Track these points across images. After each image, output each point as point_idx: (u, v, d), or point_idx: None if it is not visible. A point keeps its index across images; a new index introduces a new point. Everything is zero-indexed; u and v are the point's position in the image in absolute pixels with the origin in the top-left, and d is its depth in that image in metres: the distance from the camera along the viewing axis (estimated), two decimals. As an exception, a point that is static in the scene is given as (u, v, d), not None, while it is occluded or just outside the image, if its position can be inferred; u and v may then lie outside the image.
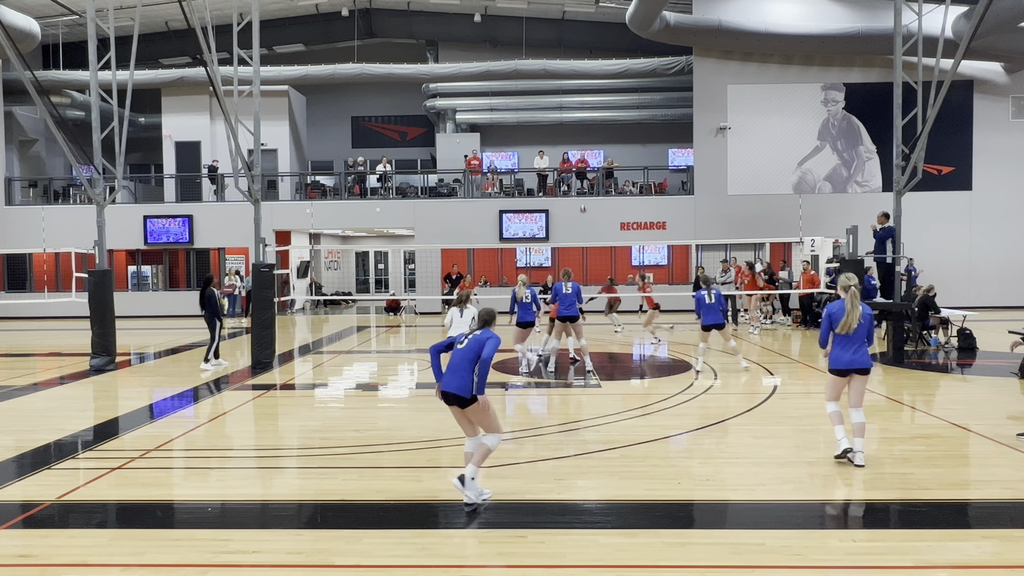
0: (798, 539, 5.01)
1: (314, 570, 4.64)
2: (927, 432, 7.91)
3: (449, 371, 5.56)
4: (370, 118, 30.41)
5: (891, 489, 6.00)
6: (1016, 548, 4.84)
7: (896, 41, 13.10)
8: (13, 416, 9.25)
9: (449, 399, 5.57)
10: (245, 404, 9.84)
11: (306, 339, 18.13)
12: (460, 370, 5.50)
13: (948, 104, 14.50)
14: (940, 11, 14.24)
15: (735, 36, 22.46)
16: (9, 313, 23.43)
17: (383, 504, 5.80)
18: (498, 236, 23.65)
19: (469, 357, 5.50)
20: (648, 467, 6.68)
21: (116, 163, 13.51)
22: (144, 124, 27.64)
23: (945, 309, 15.07)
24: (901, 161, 12.86)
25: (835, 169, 23.66)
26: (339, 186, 25.96)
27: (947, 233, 23.01)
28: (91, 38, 13.46)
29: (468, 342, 5.58)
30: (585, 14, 26.27)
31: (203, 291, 12.66)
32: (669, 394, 10.05)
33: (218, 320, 12.72)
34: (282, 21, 27.49)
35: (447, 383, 5.53)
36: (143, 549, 4.94)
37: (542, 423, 8.52)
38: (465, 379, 5.46)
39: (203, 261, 24.99)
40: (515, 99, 27.54)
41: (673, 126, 27.47)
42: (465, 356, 5.52)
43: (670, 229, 23.62)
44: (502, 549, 4.89)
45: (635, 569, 4.59)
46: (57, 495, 6.05)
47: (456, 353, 5.59)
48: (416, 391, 10.84)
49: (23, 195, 26.01)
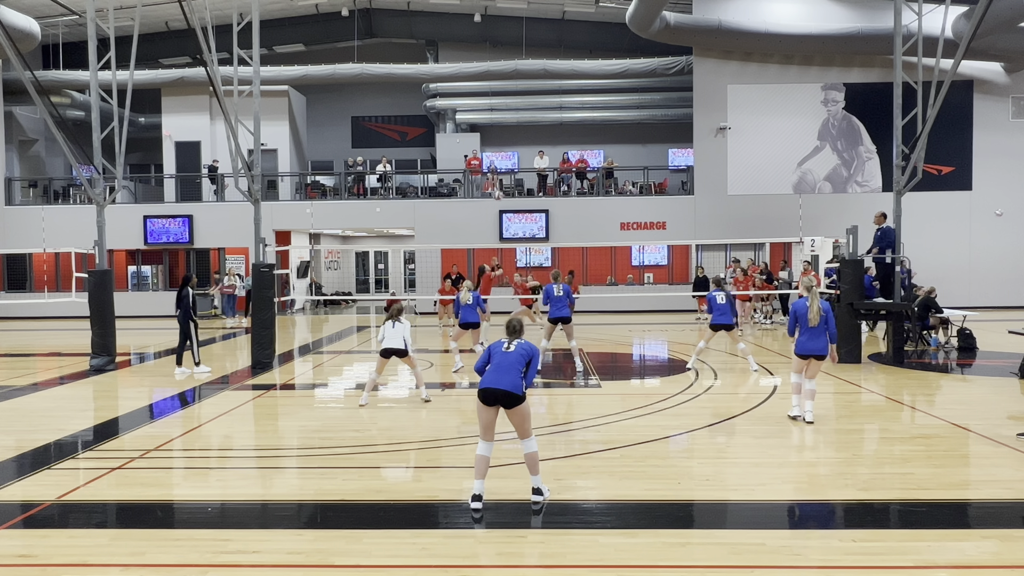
0: (798, 539, 5.01)
1: (314, 570, 4.64)
2: (927, 432, 7.91)
3: (499, 371, 5.73)
4: (370, 118, 30.42)
5: (891, 489, 6.00)
6: (1016, 548, 4.84)
7: (896, 41, 13.10)
8: (13, 416, 9.25)
9: (495, 398, 5.67)
10: (245, 404, 9.84)
11: (306, 339, 18.13)
12: (512, 371, 5.71)
13: (948, 104, 14.52)
14: (940, 11, 14.25)
15: (735, 36, 22.46)
16: (9, 313, 23.43)
17: (383, 504, 5.80)
18: (498, 236, 23.65)
19: (518, 361, 5.76)
20: (648, 467, 6.68)
21: (116, 163, 13.51)
22: (144, 124, 27.64)
23: (945, 309, 15.07)
24: (901, 161, 12.86)
25: (835, 169, 23.66)
26: (339, 186, 25.96)
27: (947, 233, 23.01)
28: (91, 38, 13.46)
29: (516, 347, 5.87)
30: (585, 14, 26.27)
31: (180, 290, 12.33)
32: (669, 394, 10.05)
33: (191, 322, 12.23)
34: (282, 21, 27.49)
35: (498, 381, 5.66)
36: (143, 549, 4.94)
37: (542, 423, 8.51)
38: (516, 379, 5.69)
39: (203, 261, 25.00)
40: (515, 99, 27.54)
41: (673, 126, 27.47)
42: (515, 360, 5.76)
43: (670, 229, 23.62)
44: (502, 549, 4.89)
45: (635, 569, 4.59)
46: (57, 495, 6.05)
47: (503, 356, 5.83)
48: (416, 391, 10.84)
49: (23, 195, 26.02)
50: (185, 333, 12.27)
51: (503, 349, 5.88)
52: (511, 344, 5.90)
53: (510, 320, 6.25)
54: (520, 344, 5.91)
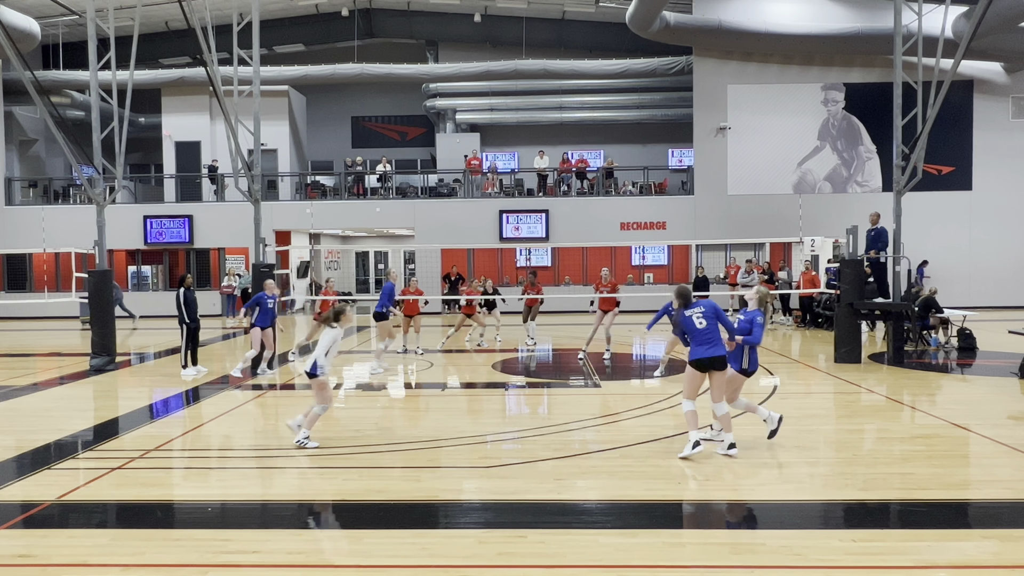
0: (798, 539, 5.00)
1: (314, 570, 4.64)
2: (927, 432, 7.91)
3: (707, 343, 6.77)
4: (370, 118, 30.41)
5: (891, 489, 6.00)
6: (1016, 548, 4.84)
7: (896, 41, 13.09)
8: (13, 416, 9.25)
9: (712, 364, 6.76)
10: (245, 404, 9.84)
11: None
12: (719, 342, 6.82)
13: (948, 104, 14.51)
14: (940, 11, 14.24)
15: (735, 36, 22.46)
16: (9, 313, 23.42)
17: (383, 504, 5.80)
18: (498, 236, 23.65)
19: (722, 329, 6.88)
20: (648, 467, 6.68)
21: (116, 163, 13.51)
22: (144, 124, 27.63)
23: (945, 309, 15.07)
24: (901, 161, 12.86)
25: (835, 169, 23.66)
26: (339, 186, 25.96)
27: (947, 233, 23.00)
28: (91, 38, 13.46)
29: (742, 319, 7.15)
30: (585, 14, 26.26)
31: (176, 292, 12.23)
32: (669, 394, 10.05)
33: (184, 324, 12.04)
34: (282, 21, 27.49)
35: (717, 351, 6.77)
36: (143, 549, 4.94)
37: (542, 423, 8.52)
38: (734, 354, 7.05)
39: (203, 261, 24.99)
40: (515, 99, 27.53)
41: (673, 126, 27.47)
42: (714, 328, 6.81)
43: (670, 229, 23.62)
44: (502, 549, 4.89)
45: (635, 569, 4.59)
46: (57, 495, 6.05)
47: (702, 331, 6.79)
48: (416, 391, 10.84)
49: (23, 195, 26.00)
50: (182, 334, 12.17)
51: (699, 323, 6.88)
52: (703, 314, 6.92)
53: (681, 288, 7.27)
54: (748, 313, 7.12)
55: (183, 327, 12.10)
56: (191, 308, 12.11)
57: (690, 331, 6.88)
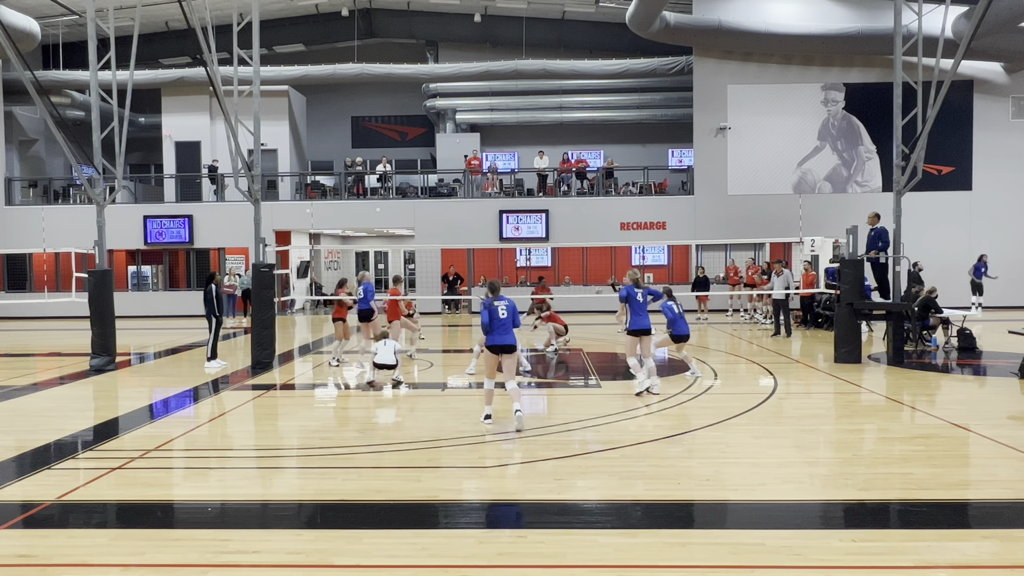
0: (798, 539, 5.00)
1: (314, 570, 4.64)
2: (927, 432, 7.91)
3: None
4: (370, 118, 30.42)
5: (891, 489, 6.00)
6: (1016, 548, 4.84)
7: (896, 41, 13.09)
8: (13, 416, 9.25)
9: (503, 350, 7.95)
10: (245, 404, 9.84)
11: (306, 339, 18.13)
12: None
13: (948, 104, 14.52)
14: (940, 11, 14.25)
15: (735, 36, 22.46)
16: (9, 313, 23.43)
17: (383, 504, 5.80)
18: (498, 236, 23.65)
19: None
20: (648, 467, 6.67)
21: (116, 163, 13.50)
22: (144, 124, 27.65)
23: (945, 309, 15.07)
24: (901, 161, 12.86)
25: (835, 169, 23.66)
26: (339, 186, 25.96)
27: (947, 233, 23.00)
28: (91, 38, 13.46)
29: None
30: (585, 14, 26.27)
31: (205, 288, 12.93)
32: (669, 394, 10.05)
33: (215, 318, 12.86)
34: (282, 21, 27.50)
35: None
36: (143, 549, 4.94)
37: (542, 423, 8.52)
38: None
39: (203, 261, 24.99)
40: (515, 99, 27.54)
41: (673, 126, 27.48)
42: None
43: (670, 229, 23.62)
44: (502, 549, 4.89)
45: (635, 569, 4.59)
46: (57, 495, 6.05)
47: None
48: (416, 391, 10.83)
49: (23, 195, 26.01)
50: (210, 328, 12.89)
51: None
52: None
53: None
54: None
55: (211, 321, 12.82)
56: (222, 303, 13.09)
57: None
